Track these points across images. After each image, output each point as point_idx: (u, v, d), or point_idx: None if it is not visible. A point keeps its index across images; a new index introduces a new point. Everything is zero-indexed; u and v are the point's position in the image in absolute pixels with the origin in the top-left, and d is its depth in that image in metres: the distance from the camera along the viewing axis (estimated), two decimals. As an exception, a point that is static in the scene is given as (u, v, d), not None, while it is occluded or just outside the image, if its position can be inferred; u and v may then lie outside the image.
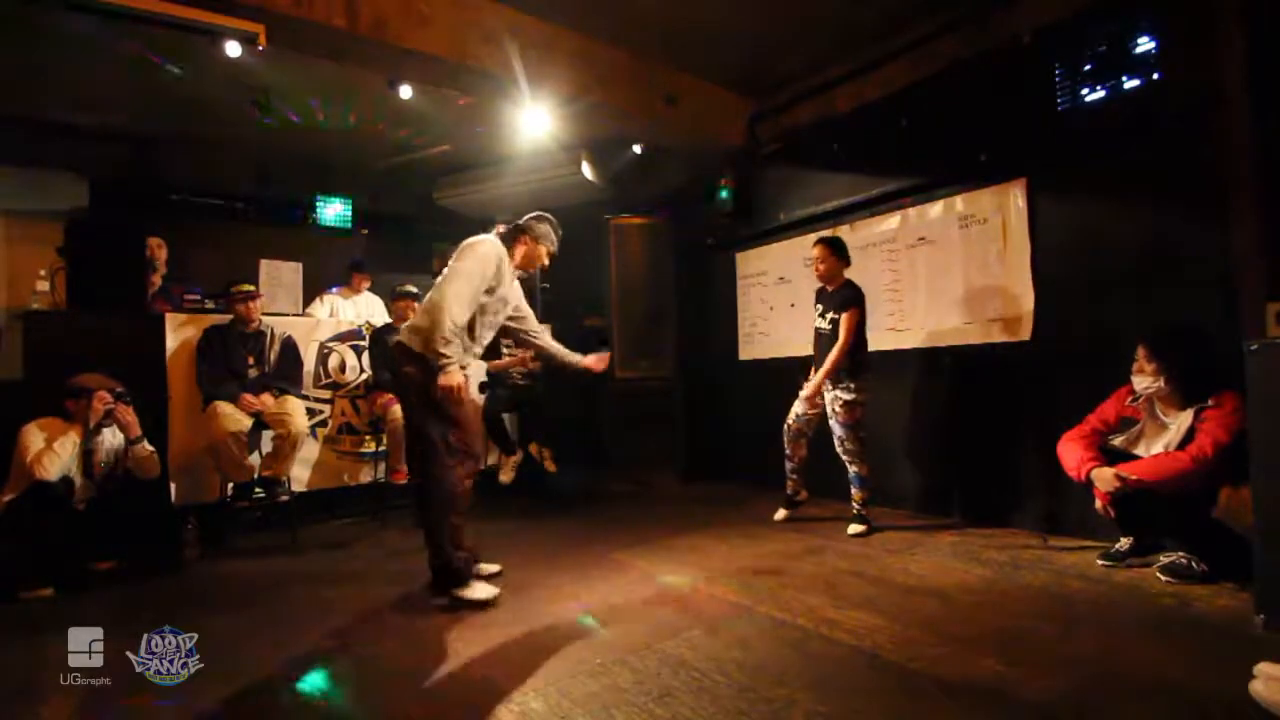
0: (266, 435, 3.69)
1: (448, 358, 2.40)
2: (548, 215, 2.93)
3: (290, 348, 3.88)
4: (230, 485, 3.57)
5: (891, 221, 3.94)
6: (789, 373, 3.64)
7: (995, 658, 1.88)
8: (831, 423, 3.40)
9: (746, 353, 4.95)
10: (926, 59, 3.71)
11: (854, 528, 3.35)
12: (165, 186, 5.08)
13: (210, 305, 4.08)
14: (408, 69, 3.56)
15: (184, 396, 3.64)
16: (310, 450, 4.01)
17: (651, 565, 2.92)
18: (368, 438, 4.25)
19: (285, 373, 3.80)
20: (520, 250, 2.86)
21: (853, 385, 3.33)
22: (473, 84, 3.70)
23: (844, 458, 3.40)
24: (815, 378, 3.38)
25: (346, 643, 2.17)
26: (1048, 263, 3.24)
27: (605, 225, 5.13)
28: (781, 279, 4.65)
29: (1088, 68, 3.11)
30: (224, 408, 3.43)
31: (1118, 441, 2.64)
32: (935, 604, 2.34)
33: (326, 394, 4.17)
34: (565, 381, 4.65)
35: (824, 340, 3.45)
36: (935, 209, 3.72)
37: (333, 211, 5.71)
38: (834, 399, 3.37)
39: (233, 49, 3.08)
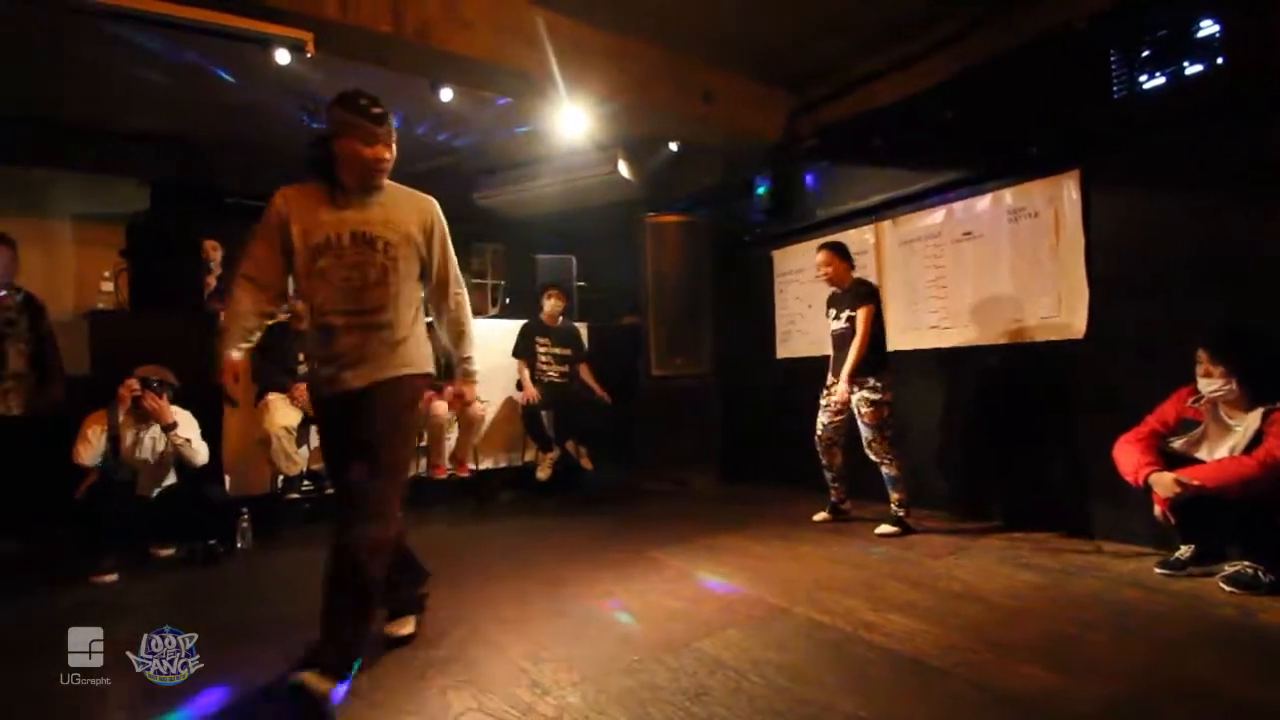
0: (315, 430, 3.81)
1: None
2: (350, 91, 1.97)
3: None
4: (280, 478, 3.71)
5: (936, 216, 3.84)
6: (827, 371, 3.59)
7: (1042, 666, 1.82)
8: (859, 423, 3.37)
9: (784, 351, 4.89)
10: (972, 48, 3.60)
11: (884, 528, 3.31)
12: (219, 191, 5.29)
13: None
14: (450, 72, 3.63)
15: (237, 391, 3.79)
16: (355, 445, 4.13)
17: (687, 564, 2.92)
18: (410, 433, 4.35)
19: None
20: (338, 162, 1.94)
21: (876, 384, 3.31)
22: (512, 86, 3.75)
23: (874, 459, 3.35)
24: (840, 383, 3.34)
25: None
26: (1103, 258, 3.12)
27: (641, 224, 5.14)
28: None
29: (1146, 53, 2.97)
30: (276, 403, 3.57)
31: (1178, 444, 2.52)
32: (979, 609, 2.28)
33: (370, 390, 4.28)
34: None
35: (842, 340, 3.43)
36: (982, 202, 3.61)
37: (376, 213, 5.85)
38: (859, 400, 3.34)
39: (282, 56, 3.18)
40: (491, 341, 4.62)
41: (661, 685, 1.78)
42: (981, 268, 3.61)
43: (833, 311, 3.54)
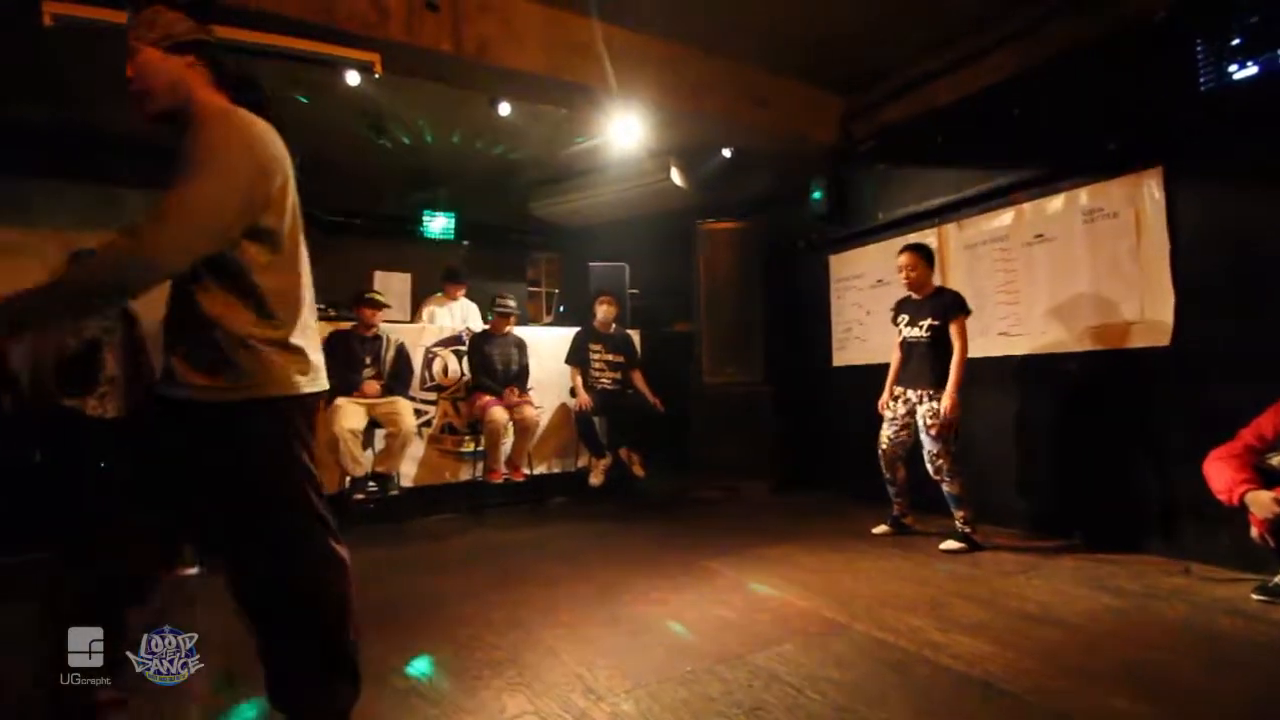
0: (379, 434, 3.98)
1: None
2: None
3: (403, 353, 4.18)
4: (347, 479, 3.87)
5: (1004, 218, 3.68)
6: (889, 381, 3.48)
7: (1126, 696, 1.71)
8: (923, 437, 3.22)
9: (840, 359, 4.78)
10: (1041, 42, 3.44)
11: (949, 543, 3.16)
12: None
13: (333, 313, 4.44)
14: (507, 87, 3.74)
15: (308, 397, 3.99)
16: (416, 448, 4.27)
17: (741, 574, 2.88)
18: (467, 438, 4.47)
19: (398, 374, 4.10)
20: None
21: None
22: (567, 98, 3.82)
23: (936, 476, 3.19)
24: (946, 399, 3.11)
25: (450, 631, 2.28)
26: (1190, 260, 2.91)
27: (694, 231, 5.13)
28: (880, 281, 4.45)
29: (1236, 42, 2.77)
30: (344, 406, 3.74)
31: (1277, 461, 2.32)
32: (1056, 633, 2.15)
33: (431, 396, 4.43)
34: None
35: (915, 351, 3.28)
36: (1055, 203, 3.44)
37: (438, 225, 6.07)
38: (926, 412, 3.20)
39: (352, 77, 3.35)
40: (546, 348, 4.71)
41: (715, 697, 1.75)
42: (1055, 271, 3.44)
43: (905, 318, 3.38)
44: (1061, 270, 3.41)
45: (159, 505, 1.41)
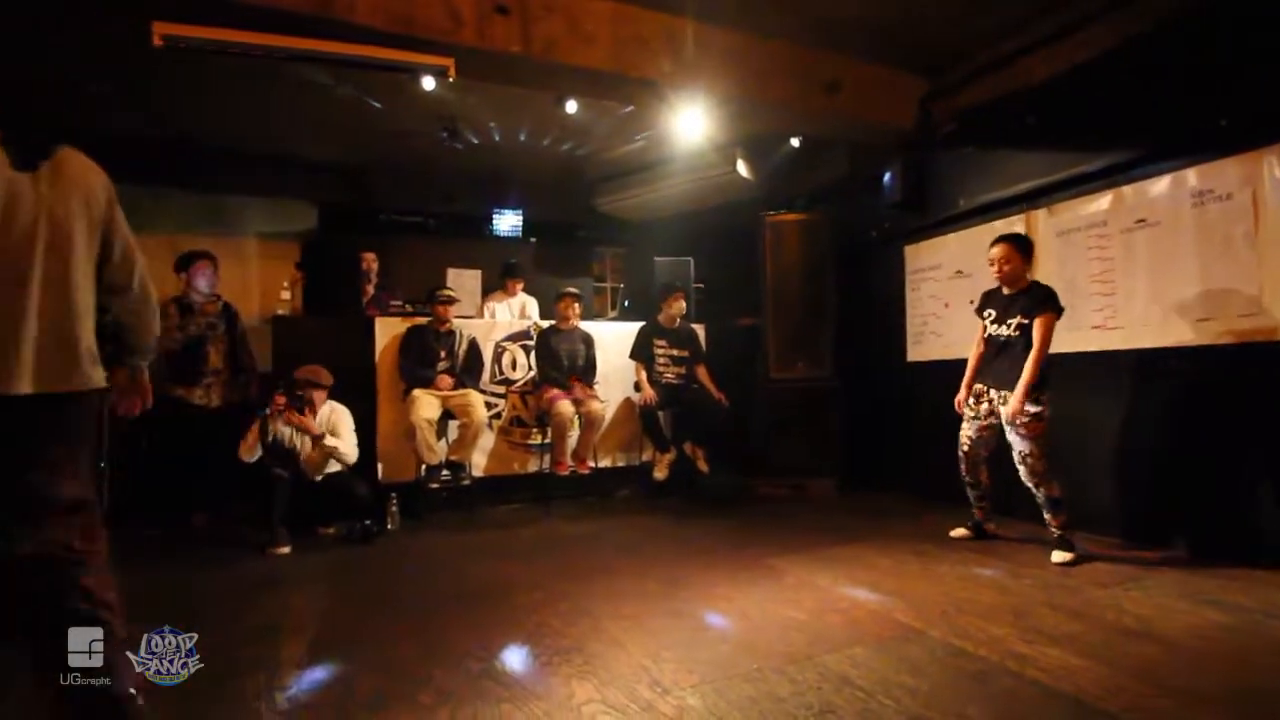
0: (452, 425, 4.14)
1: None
2: None
3: (474, 347, 4.33)
4: (423, 467, 4.04)
5: (1101, 202, 3.42)
6: (969, 378, 3.30)
7: (1232, 719, 1.56)
8: (1012, 437, 2.98)
9: (916, 353, 4.59)
10: (1143, 12, 3.16)
11: (1058, 554, 2.91)
12: (373, 208, 5.88)
13: (409, 309, 4.64)
14: (574, 84, 3.77)
15: (388, 388, 4.20)
16: (487, 440, 4.41)
17: (809, 574, 2.82)
18: (535, 430, 4.58)
19: (470, 368, 4.25)
20: None
21: (1040, 396, 2.91)
22: (632, 93, 3.82)
23: (1028, 480, 2.96)
24: (1014, 401, 2.91)
25: (520, 617, 2.35)
26: (1320, 244, 2.62)
27: (760, 223, 5.04)
28: (959, 272, 4.24)
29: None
30: (420, 397, 3.91)
31: None
32: (1155, 649, 1.99)
33: (500, 389, 4.56)
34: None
35: (1002, 349, 3.06)
36: (1159, 185, 3.17)
37: (507, 223, 6.23)
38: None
39: (427, 82, 3.47)
40: (611, 343, 4.75)
41: (783, 697, 1.73)
42: (1158, 260, 3.17)
43: (991, 313, 3.15)
44: (1165, 258, 3.14)
45: None
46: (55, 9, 3.18)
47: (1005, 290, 3.12)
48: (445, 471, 4.07)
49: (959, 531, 3.36)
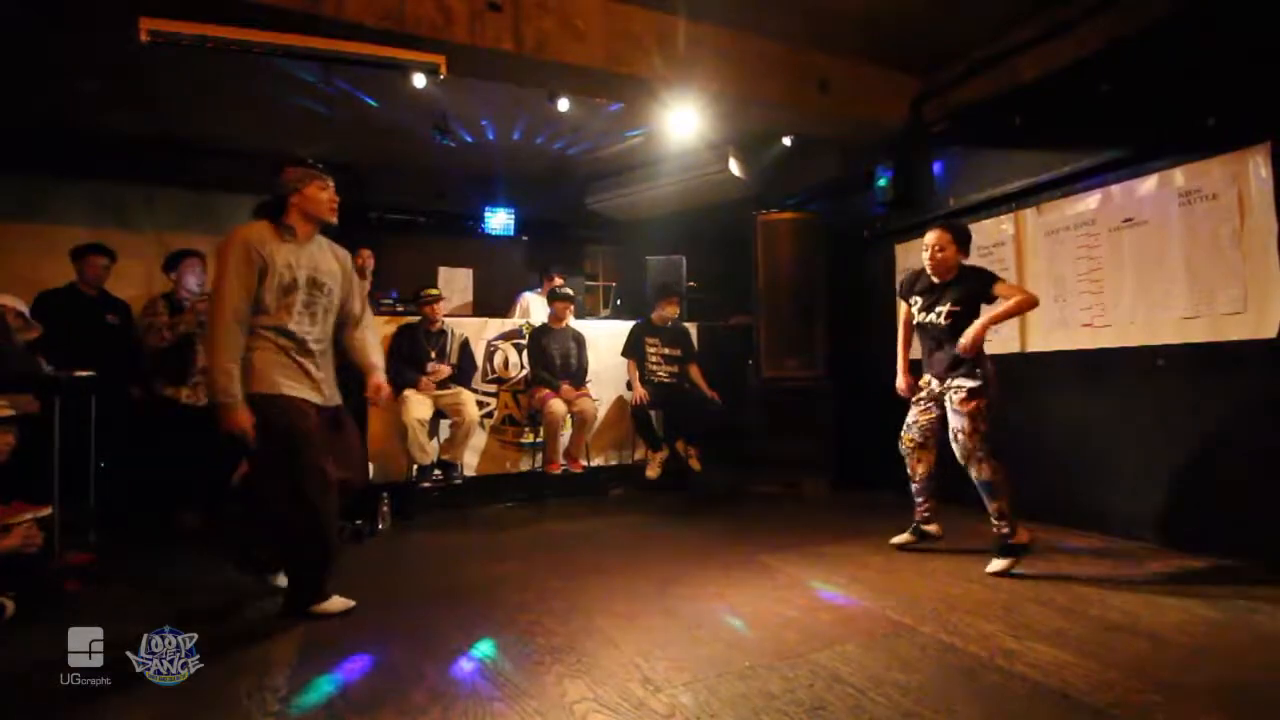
0: (444, 424, 4.13)
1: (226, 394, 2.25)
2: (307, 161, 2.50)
3: (466, 346, 4.33)
4: (415, 467, 4.03)
5: (1089, 201, 3.45)
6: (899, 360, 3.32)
7: (1221, 714, 1.58)
8: (949, 414, 2.82)
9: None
10: (1132, 13, 3.19)
11: (993, 564, 2.72)
12: (366, 206, 5.84)
13: (400, 308, 4.62)
14: (566, 82, 3.77)
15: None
16: (479, 439, 4.40)
17: (801, 571, 2.83)
18: (527, 429, 4.57)
19: (461, 367, 4.23)
20: (294, 212, 2.44)
21: (976, 370, 2.76)
22: (624, 90, 3.82)
23: (960, 459, 2.77)
24: (974, 328, 2.72)
25: (513, 616, 2.35)
26: (1304, 243, 2.66)
27: (752, 222, 5.05)
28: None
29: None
30: (411, 398, 3.89)
31: None
32: (1142, 644, 2.01)
33: (493, 388, 4.55)
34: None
35: (934, 336, 2.93)
36: (1146, 184, 3.20)
37: (499, 221, 6.21)
38: (953, 387, 2.81)
39: (419, 80, 3.46)
40: (603, 341, 4.75)
41: (775, 694, 1.73)
42: (1145, 258, 3.20)
43: (918, 300, 2.97)
44: (1152, 257, 3.17)
45: None
46: (49, 6, 3.15)
47: (935, 279, 2.94)
48: (437, 471, 4.05)
49: (900, 539, 3.15)
